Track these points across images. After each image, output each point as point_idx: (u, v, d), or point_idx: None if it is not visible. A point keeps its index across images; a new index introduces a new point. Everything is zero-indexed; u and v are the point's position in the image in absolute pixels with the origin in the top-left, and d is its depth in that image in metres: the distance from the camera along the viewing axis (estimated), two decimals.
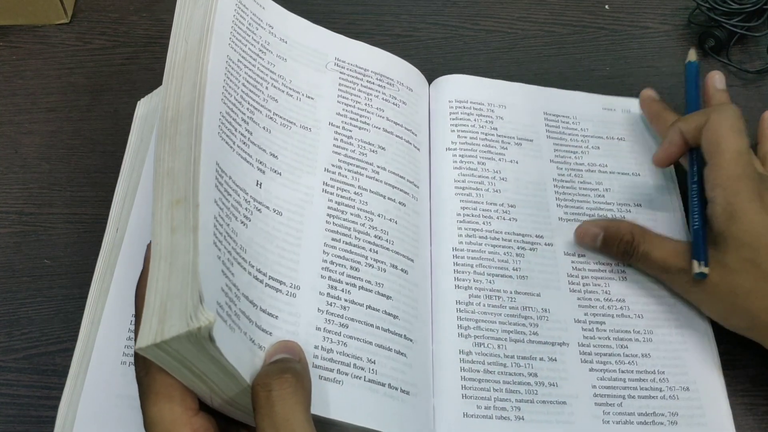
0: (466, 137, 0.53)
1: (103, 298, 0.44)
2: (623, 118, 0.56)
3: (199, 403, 0.35)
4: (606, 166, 0.53)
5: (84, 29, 0.62)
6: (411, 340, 0.43)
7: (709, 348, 0.47)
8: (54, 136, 0.56)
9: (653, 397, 0.44)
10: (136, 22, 0.63)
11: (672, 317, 0.47)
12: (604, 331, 0.46)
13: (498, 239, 0.49)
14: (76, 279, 0.50)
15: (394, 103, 0.52)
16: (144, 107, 0.53)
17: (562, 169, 0.53)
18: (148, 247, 0.35)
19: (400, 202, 0.48)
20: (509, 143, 0.53)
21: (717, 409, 0.44)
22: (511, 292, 0.47)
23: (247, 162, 0.42)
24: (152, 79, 0.59)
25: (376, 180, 0.48)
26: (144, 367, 0.33)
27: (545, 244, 0.49)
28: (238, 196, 0.40)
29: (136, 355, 0.33)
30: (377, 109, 0.51)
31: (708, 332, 0.47)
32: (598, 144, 0.55)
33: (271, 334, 0.38)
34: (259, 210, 0.42)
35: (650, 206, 0.51)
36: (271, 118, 0.46)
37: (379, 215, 0.46)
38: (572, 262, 0.49)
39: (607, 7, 0.66)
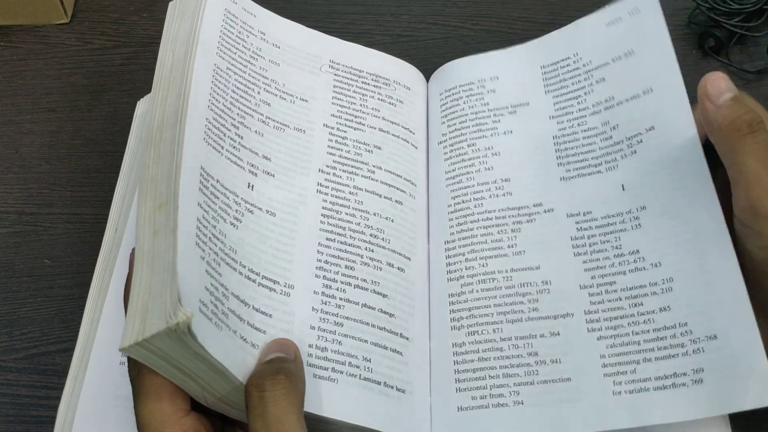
0: (455, 124, 0.52)
1: (103, 298, 0.44)
2: (632, 24, 0.49)
3: (194, 403, 0.35)
4: (613, 98, 0.48)
5: (84, 29, 0.63)
6: (407, 339, 0.43)
7: (737, 285, 0.39)
8: (54, 136, 0.57)
9: (674, 356, 0.39)
10: (136, 22, 0.63)
11: (696, 258, 0.41)
12: (615, 291, 0.42)
13: (491, 218, 0.47)
14: (76, 279, 0.50)
15: (390, 103, 0.52)
16: (144, 107, 0.53)
17: (563, 122, 0.50)
18: (133, 251, 0.36)
19: (396, 201, 0.48)
20: (502, 114, 0.52)
21: (752, 357, 0.37)
22: (506, 271, 0.45)
23: (238, 165, 0.43)
24: (152, 79, 0.59)
25: (372, 179, 0.48)
26: (135, 367, 0.34)
27: (545, 211, 0.47)
28: (227, 198, 0.41)
29: (129, 357, 0.34)
30: (373, 109, 0.51)
31: (737, 268, 0.39)
32: (603, 75, 0.50)
33: (264, 332, 0.38)
34: (251, 211, 0.42)
35: (665, 127, 0.45)
36: (263, 121, 0.46)
37: (374, 214, 0.46)
38: (576, 222, 0.46)
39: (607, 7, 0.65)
